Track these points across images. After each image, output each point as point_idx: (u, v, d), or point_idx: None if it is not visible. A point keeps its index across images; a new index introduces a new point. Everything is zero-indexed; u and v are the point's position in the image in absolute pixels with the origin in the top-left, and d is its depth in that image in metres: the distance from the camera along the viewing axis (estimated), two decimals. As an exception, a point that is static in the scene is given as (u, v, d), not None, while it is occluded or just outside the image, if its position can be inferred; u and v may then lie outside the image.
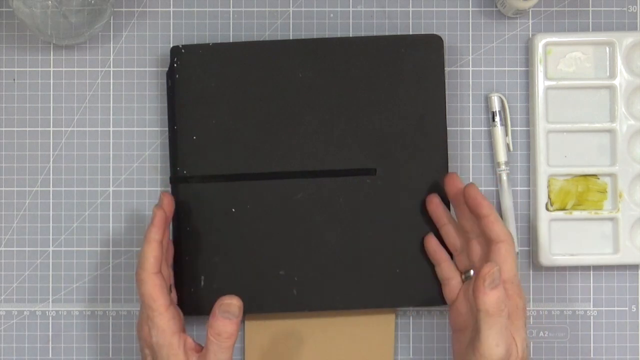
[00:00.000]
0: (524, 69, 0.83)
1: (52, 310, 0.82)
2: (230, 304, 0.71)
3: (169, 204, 0.77)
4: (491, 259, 0.73)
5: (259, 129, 0.80)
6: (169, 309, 0.73)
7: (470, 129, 0.83)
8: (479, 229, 0.75)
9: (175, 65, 0.80)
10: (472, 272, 0.76)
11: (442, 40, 0.80)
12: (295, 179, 0.80)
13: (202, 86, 0.80)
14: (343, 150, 0.80)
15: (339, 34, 0.83)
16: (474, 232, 0.76)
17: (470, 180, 0.82)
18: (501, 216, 0.82)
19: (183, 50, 0.80)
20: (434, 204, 0.79)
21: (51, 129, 0.83)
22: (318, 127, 0.80)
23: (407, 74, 0.80)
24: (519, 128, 0.83)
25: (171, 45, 0.81)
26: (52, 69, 0.83)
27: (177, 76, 0.80)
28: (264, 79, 0.80)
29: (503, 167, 0.82)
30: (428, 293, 0.79)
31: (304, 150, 0.80)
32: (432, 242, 0.79)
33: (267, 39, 0.83)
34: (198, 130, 0.80)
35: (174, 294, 0.79)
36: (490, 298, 0.70)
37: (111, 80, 0.83)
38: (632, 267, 0.83)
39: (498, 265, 0.70)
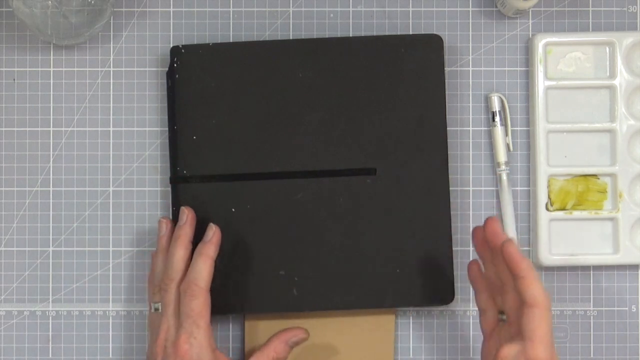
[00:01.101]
0: (524, 69, 0.83)
1: (52, 310, 0.82)
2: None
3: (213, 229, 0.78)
4: (523, 322, 0.69)
5: (259, 129, 0.80)
6: (209, 326, 0.74)
7: (470, 129, 0.83)
8: (514, 285, 0.70)
9: (175, 65, 0.80)
10: (504, 317, 0.73)
11: (442, 40, 0.80)
12: (295, 179, 0.80)
13: (202, 86, 0.80)
14: (343, 150, 0.80)
15: (339, 34, 0.83)
16: (510, 285, 0.72)
17: (470, 181, 0.82)
18: (501, 216, 0.82)
19: (183, 50, 0.80)
20: (479, 239, 0.75)
21: (51, 129, 0.83)
22: (318, 127, 0.80)
23: (407, 74, 0.80)
24: (519, 128, 0.83)
25: (171, 45, 0.81)
26: (52, 69, 0.83)
27: (177, 76, 0.80)
28: (264, 79, 0.80)
29: (503, 167, 0.82)
30: (428, 293, 0.79)
31: (304, 150, 0.80)
32: (473, 269, 0.76)
33: (267, 39, 0.83)
34: (198, 130, 0.80)
35: None
36: None
37: (111, 80, 0.83)
38: (632, 267, 0.83)
39: (528, 330, 0.68)
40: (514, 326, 0.71)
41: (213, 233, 0.76)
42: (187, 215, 0.78)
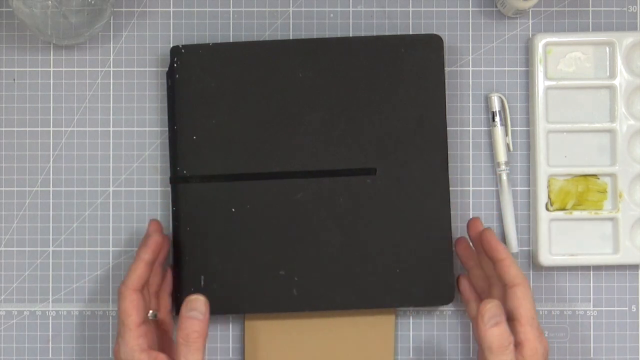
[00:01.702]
0: (524, 69, 0.83)
1: (52, 310, 0.82)
2: (197, 300, 0.72)
3: (156, 229, 0.78)
4: (508, 303, 0.73)
5: (259, 128, 0.80)
6: (140, 326, 0.73)
7: (470, 129, 0.83)
8: (495, 272, 0.75)
9: (175, 65, 0.80)
10: None
11: (442, 40, 0.80)
12: (295, 179, 0.80)
13: (202, 86, 0.80)
14: (343, 150, 0.80)
15: (339, 34, 0.83)
16: (494, 276, 0.76)
17: (470, 181, 0.83)
18: (501, 216, 0.82)
19: (183, 50, 0.80)
20: (463, 246, 0.80)
21: (51, 129, 0.83)
22: (318, 127, 0.80)
23: (407, 74, 0.80)
24: (519, 128, 0.83)
25: (171, 45, 0.81)
26: (52, 69, 0.83)
27: (177, 76, 0.80)
28: (264, 79, 0.80)
29: (503, 167, 0.82)
30: (428, 293, 0.79)
31: (304, 150, 0.80)
32: (463, 283, 0.80)
33: (267, 39, 0.83)
34: (198, 130, 0.80)
35: (162, 320, 0.78)
36: (491, 335, 0.70)
37: (111, 80, 0.83)
38: (632, 267, 0.83)
39: (513, 308, 0.71)
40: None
41: (149, 238, 0.76)
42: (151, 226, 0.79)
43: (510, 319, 0.72)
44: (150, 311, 0.77)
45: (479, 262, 0.79)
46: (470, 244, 0.80)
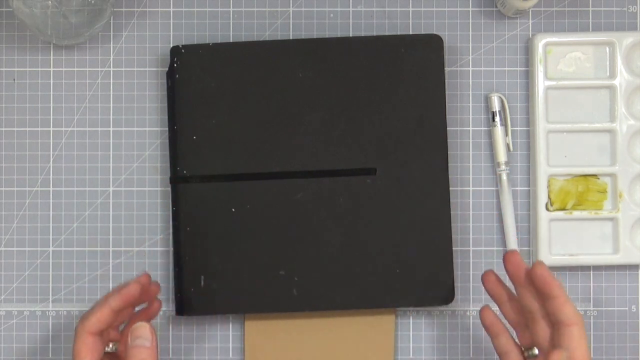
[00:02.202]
0: (524, 69, 0.83)
1: (52, 310, 0.82)
2: (141, 327, 0.70)
3: (140, 281, 0.74)
4: (561, 342, 0.69)
5: (259, 128, 0.80)
6: None
7: (470, 129, 0.83)
8: (545, 308, 0.70)
9: (175, 65, 0.80)
10: (536, 350, 0.72)
11: (442, 40, 0.80)
12: (295, 179, 0.80)
13: (202, 86, 0.80)
14: (343, 150, 0.80)
15: (339, 34, 0.83)
16: (540, 311, 0.71)
17: (470, 181, 0.82)
18: (501, 216, 0.82)
19: (183, 50, 0.80)
20: (492, 282, 0.75)
21: (51, 129, 0.83)
22: (318, 127, 0.80)
23: (407, 74, 0.80)
24: (519, 128, 0.83)
25: (171, 45, 0.81)
26: (52, 69, 0.83)
27: (177, 76, 0.80)
28: (264, 79, 0.80)
29: (503, 167, 0.82)
30: (428, 293, 0.79)
31: (304, 150, 0.80)
32: (489, 316, 0.75)
33: (267, 39, 0.83)
34: (198, 130, 0.80)
35: (121, 352, 0.74)
36: None
37: (111, 80, 0.83)
38: (632, 267, 0.83)
39: (569, 350, 0.68)
40: (546, 355, 0.70)
41: (127, 286, 0.73)
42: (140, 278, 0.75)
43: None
44: (111, 344, 0.74)
45: (512, 295, 0.74)
46: (497, 278, 0.75)
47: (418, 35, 0.81)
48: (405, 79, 0.80)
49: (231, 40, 0.83)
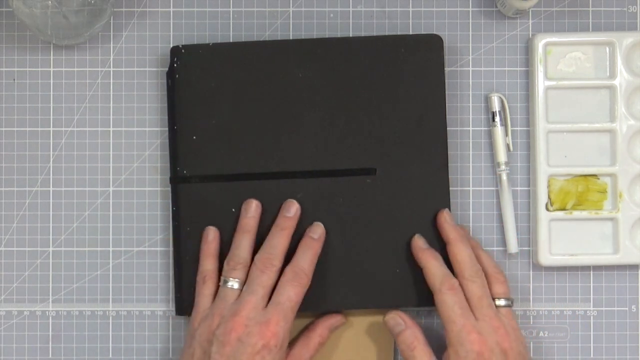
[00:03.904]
0: (524, 69, 0.83)
1: (52, 310, 0.82)
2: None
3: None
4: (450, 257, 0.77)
5: (259, 128, 0.80)
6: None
7: (470, 129, 0.83)
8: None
9: (175, 65, 0.80)
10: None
11: (442, 40, 0.80)
12: (295, 179, 0.80)
13: (202, 86, 0.80)
14: (343, 150, 0.80)
15: (339, 34, 0.83)
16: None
17: (470, 181, 0.82)
18: (501, 216, 0.82)
19: (183, 50, 0.80)
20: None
21: (51, 129, 0.83)
22: (318, 127, 0.80)
23: (407, 74, 0.80)
24: (519, 128, 0.83)
25: (171, 45, 0.81)
26: (52, 69, 0.83)
27: (177, 76, 0.80)
28: (264, 79, 0.80)
29: (503, 167, 0.82)
30: (428, 293, 0.79)
31: (304, 150, 0.80)
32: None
33: (267, 39, 0.83)
34: (198, 130, 0.80)
35: None
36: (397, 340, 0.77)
37: (111, 80, 0.83)
38: (632, 267, 0.83)
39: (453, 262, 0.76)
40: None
41: (322, 232, 0.78)
42: (296, 208, 0.78)
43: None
44: None
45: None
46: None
47: (418, 35, 0.81)
48: (405, 79, 0.80)
49: (231, 40, 0.83)
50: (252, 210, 0.78)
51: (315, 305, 0.80)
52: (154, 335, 0.82)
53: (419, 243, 0.78)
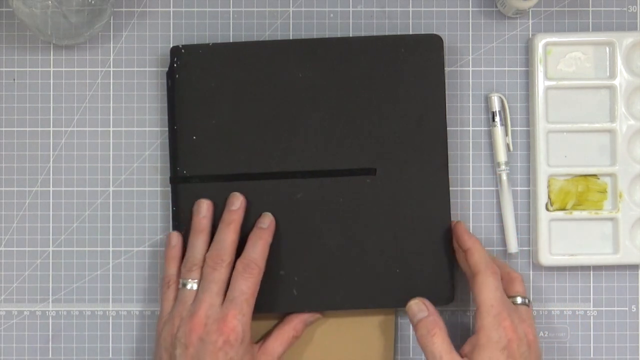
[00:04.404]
0: (524, 69, 0.83)
1: (52, 310, 0.82)
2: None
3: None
4: (473, 289, 0.76)
5: (259, 128, 0.80)
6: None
7: (470, 129, 0.83)
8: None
9: (175, 65, 0.80)
10: None
11: (442, 40, 0.80)
12: (295, 179, 0.80)
13: (202, 86, 0.80)
14: (343, 150, 0.80)
15: (339, 34, 0.83)
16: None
17: (470, 181, 0.82)
18: (501, 216, 0.82)
19: (183, 50, 0.80)
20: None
21: (51, 129, 0.83)
22: (318, 127, 0.80)
23: (406, 74, 0.80)
24: (519, 128, 0.83)
25: (171, 45, 0.81)
26: (52, 69, 0.83)
27: (177, 76, 0.80)
28: (264, 79, 0.80)
29: (503, 167, 0.82)
30: (428, 293, 0.79)
31: (304, 150, 0.80)
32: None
33: (267, 39, 0.83)
34: (198, 130, 0.80)
35: None
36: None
37: (111, 80, 0.83)
38: (632, 267, 0.83)
39: (475, 296, 0.75)
40: None
41: (270, 221, 0.78)
42: (240, 202, 0.78)
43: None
44: None
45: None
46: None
47: (418, 35, 0.81)
48: (405, 79, 0.80)
49: (231, 40, 0.83)
50: (203, 210, 0.78)
51: (316, 305, 0.80)
52: (154, 335, 0.82)
53: (463, 226, 0.78)
